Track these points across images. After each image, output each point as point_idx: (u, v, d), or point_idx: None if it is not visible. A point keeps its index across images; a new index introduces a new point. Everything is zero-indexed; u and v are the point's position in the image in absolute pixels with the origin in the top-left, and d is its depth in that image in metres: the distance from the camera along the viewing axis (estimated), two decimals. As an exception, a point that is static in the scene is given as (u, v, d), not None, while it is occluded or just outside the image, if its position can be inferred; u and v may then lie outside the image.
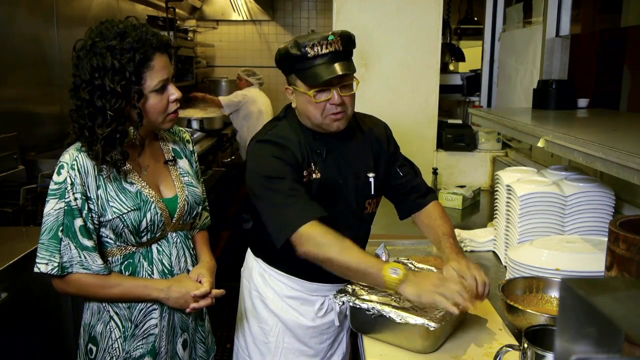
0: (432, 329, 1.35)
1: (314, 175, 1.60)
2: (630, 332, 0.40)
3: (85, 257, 1.42)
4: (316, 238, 1.45)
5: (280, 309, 1.71)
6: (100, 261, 1.43)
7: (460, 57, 5.42)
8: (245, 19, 7.09)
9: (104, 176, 1.44)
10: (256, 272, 1.76)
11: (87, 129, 1.40)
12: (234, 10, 7.01)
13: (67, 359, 2.20)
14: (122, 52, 1.37)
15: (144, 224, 1.47)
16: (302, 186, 1.54)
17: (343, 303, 1.55)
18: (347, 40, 1.55)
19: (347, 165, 1.66)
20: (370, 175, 1.69)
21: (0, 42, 2.94)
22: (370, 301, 1.47)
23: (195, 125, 5.02)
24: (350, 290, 1.54)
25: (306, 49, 1.49)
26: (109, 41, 1.37)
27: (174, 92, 1.47)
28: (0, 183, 2.65)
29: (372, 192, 1.70)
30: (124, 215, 1.44)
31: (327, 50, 1.49)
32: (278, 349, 1.72)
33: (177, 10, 5.68)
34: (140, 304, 1.52)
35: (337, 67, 1.50)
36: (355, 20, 3.15)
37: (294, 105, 1.64)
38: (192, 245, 1.65)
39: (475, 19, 5.74)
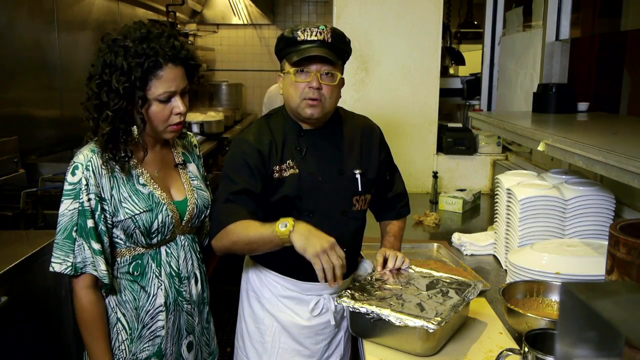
0: (431, 331, 1.35)
1: (291, 171, 1.63)
2: (630, 336, 0.40)
3: (95, 259, 1.44)
4: (226, 230, 1.57)
5: (276, 309, 1.72)
6: (103, 267, 1.44)
7: (460, 60, 5.42)
8: (245, 22, 7.09)
9: (117, 176, 1.46)
10: (253, 272, 1.78)
11: (92, 120, 1.44)
12: (234, 14, 7.01)
13: (66, 362, 2.20)
14: (135, 55, 1.39)
15: (155, 225, 1.50)
16: (249, 198, 1.60)
17: (338, 303, 1.56)
18: (337, 36, 1.61)
19: (329, 162, 1.68)
20: (357, 171, 1.70)
21: (1, 46, 2.95)
22: (370, 305, 1.46)
23: (195, 128, 5.01)
24: (349, 294, 1.54)
25: (297, 32, 1.60)
26: (128, 41, 1.40)
27: (179, 106, 1.48)
28: (1, 187, 2.65)
29: (360, 189, 1.70)
30: (136, 217, 1.47)
31: (316, 38, 1.58)
32: (274, 348, 1.72)
33: (177, 14, 5.69)
34: (147, 306, 1.53)
35: (319, 51, 1.56)
36: (355, 24, 3.16)
37: (281, 92, 1.68)
38: (198, 249, 1.67)
39: (475, 22, 5.76)
